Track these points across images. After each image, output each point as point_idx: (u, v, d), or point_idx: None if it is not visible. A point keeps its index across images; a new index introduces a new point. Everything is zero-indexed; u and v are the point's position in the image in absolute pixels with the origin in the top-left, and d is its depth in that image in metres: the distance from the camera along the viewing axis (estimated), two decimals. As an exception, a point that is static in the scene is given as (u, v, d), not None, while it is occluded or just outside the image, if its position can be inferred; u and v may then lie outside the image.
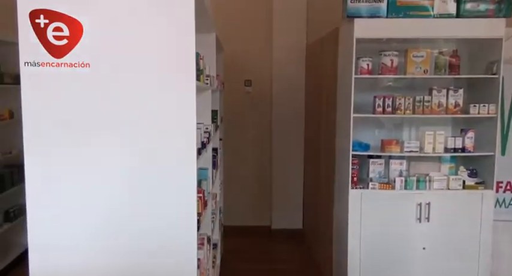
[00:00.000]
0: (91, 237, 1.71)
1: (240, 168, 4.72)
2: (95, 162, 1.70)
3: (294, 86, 4.57)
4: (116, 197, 1.72)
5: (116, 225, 1.72)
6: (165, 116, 1.71)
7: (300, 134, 4.64)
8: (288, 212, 4.74)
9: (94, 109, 1.70)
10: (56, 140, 1.69)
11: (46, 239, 1.70)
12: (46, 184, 1.69)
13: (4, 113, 4.15)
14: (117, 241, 1.72)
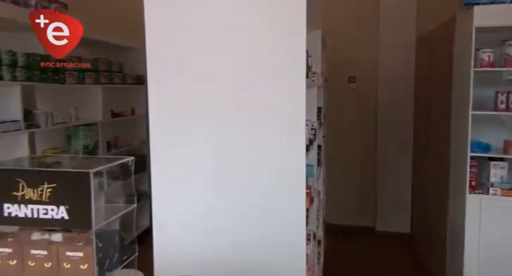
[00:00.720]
0: (204, 220, 1.82)
1: (342, 166, 4.63)
2: (209, 153, 1.81)
3: (402, 81, 4.35)
4: (229, 187, 1.80)
5: (228, 214, 1.81)
6: (276, 113, 1.75)
7: (407, 132, 4.40)
8: (394, 214, 4.53)
9: (209, 105, 1.80)
10: (176, 132, 1.83)
11: (167, 218, 1.84)
12: (168, 169, 1.84)
13: (127, 110, 4.61)
14: (229, 229, 1.81)
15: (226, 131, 1.80)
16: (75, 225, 0.81)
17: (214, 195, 1.82)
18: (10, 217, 0.82)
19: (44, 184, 0.80)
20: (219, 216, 1.82)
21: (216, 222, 1.81)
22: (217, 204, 1.82)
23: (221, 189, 1.81)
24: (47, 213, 0.81)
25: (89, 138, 3.91)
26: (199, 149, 1.82)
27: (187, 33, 1.82)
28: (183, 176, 1.83)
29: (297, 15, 1.70)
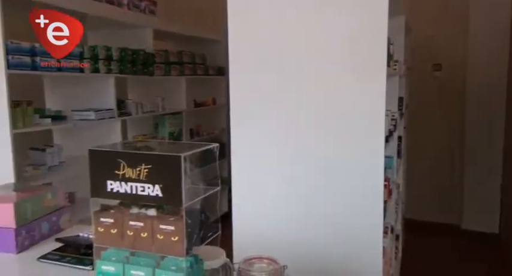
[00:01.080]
0: (279, 206, 1.86)
1: (425, 158, 4.41)
2: (286, 142, 1.84)
3: (494, 69, 4.01)
4: (304, 176, 1.83)
5: (303, 202, 1.83)
6: (355, 102, 1.73)
7: (499, 125, 4.05)
8: (481, 213, 4.22)
9: (287, 96, 1.84)
10: (255, 121, 1.89)
11: (245, 202, 1.92)
12: (247, 156, 1.91)
13: (208, 99, 4.82)
14: (304, 216, 1.84)
15: (304, 121, 1.82)
16: (168, 202, 0.90)
17: (290, 183, 1.86)
18: (112, 192, 0.93)
19: (142, 165, 0.90)
20: (294, 203, 1.86)
21: (291, 209, 1.85)
22: (293, 192, 1.86)
23: (297, 177, 1.85)
24: (143, 190, 0.90)
25: (174, 126, 4.17)
26: (277, 138, 1.87)
27: (270, 25, 1.86)
28: (261, 163, 1.89)
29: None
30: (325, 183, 1.81)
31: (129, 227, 0.94)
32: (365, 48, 1.71)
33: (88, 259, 1.14)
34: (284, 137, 1.86)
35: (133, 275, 0.95)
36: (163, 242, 0.91)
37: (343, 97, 1.75)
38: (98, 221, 0.97)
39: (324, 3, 1.75)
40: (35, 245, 1.28)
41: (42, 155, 3.02)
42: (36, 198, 1.31)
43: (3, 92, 2.45)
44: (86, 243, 1.21)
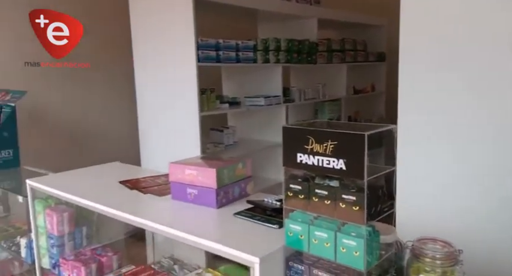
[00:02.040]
0: (446, 192, 1.80)
1: None
2: (460, 125, 1.76)
3: None
4: (483, 158, 1.72)
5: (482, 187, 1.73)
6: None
7: None
8: None
9: (468, 91, 1.74)
10: (429, 103, 1.84)
11: (411, 185, 1.89)
12: (416, 142, 1.87)
13: (367, 86, 4.80)
14: (472, 204, 1.74)
15: (478, 106, 1.72)
16: (351, 176, 1.01)
17: (461, 169, 1.78)
18: (301, 163, 1.09)
19: (328, 141, 1.03)
20: (462, 190, 1.78)
21: (463, 199, 1.78)
22: (463, 180, 1.78)
23: (468, 164, 1.76)
24: (329, 163, 1.04)
25: (333, 113, 4.29)
26: (447, 124, 1.81)
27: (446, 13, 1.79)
28: (428, 148, 1.85)
29: None
30: (497, 172, 1.68)
31: (315, 194, 1.09)
32: None
33: (274, 220, 1.35)
34: (454, 122, 1.78)
35: (316, 235, 1.10)
36: (345, 210, 1.04)
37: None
38: (288, 187, 1.15)
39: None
40: (229, 204, 1.56)
41: (220, 135, 3.49)
42: (231, 166, 1.58)
43: (194, 81, 2.92)
44: (272, 207, 1.43)
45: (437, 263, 1.10)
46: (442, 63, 1.82)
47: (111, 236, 2.18)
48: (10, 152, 2.79)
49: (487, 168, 1.72)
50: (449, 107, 1.80)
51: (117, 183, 1.91)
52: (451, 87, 1.79)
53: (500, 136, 1.70)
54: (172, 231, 1.32)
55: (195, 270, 1.81)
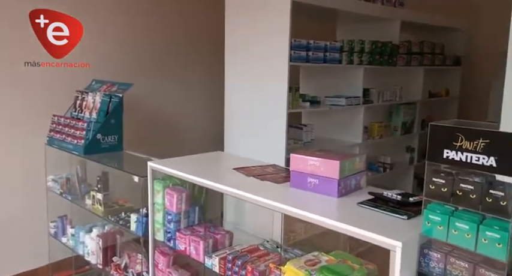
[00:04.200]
0: None
1: None
2: None
3: None
4: None
5: None
6: None
7: None
8: None
9: None
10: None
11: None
12: None
13: (442, 90, 4.75)
14: None
15: None
16: (501, 173, 1.11)
17: None
18: (448, 159, 1.20)
19: (480, 139, 1.13)
20: None
21: None
22: None
23: None
24: (478, 160, 1.14)
25: (408, 116, 4.30)
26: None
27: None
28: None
29: None
30: None
31: (460, 188, 1.19)
32: None
33: (401, 211, 1.46)
34: None
35: (457, 226, 1.21)
36: (491, 204, 1.14)
37: None
38: (431, 180, 1.26)
39: None
40: (347, 194, 1.69)
41: (300, 132, 3.62)
42: (352, 159, 1.72)
43: (285, 80, 3.06)
44: (396, 200, 1.54)
45: None
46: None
47: (215, 216, 2.40)
48: (115, 137, 3.08)
49: None
50: None
51: (231, 169, 2.10)
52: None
53: None
54: (312, 216, 1.47)
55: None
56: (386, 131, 4.10)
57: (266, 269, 1.80)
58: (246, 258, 1.91)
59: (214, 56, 3.82)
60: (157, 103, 4.07)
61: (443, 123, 1.24)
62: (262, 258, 1.91)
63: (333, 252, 1.74)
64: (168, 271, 2.35)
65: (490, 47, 4.42)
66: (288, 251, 2.05)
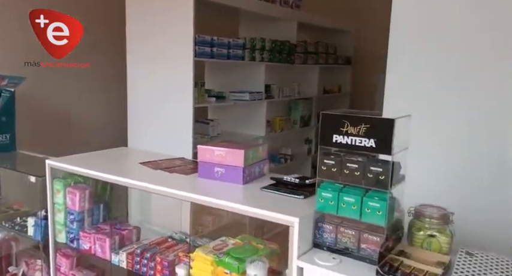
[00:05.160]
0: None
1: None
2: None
3: None
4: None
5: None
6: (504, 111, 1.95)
7: None
8: None
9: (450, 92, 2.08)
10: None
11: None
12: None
13: (334, 87, 5.19)
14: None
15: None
16: (379, 152, 1.31)
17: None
18: (336, 143, 1.37)
19: (362, 124, 1.32)
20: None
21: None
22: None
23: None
24: (361, 142, 1.32)
25: (305, 110, 4.63)
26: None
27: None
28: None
29: None
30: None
31: (347, 167, 1.37)
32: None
33: (298, 192, 1.62)
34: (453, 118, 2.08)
35: (345, 200, 1.39)
36: (372, 179, 1.33)
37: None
38: (322, 162, 1.42)
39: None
40: (252, 181, 1.81)
41: (206, 127, 3.70)
42: (255, 149, 1.83)
43: (190, 75, 3.11)
44: (294, 183, 1.70)
45: (434, 221, 1.43)
46: (425, 67, 2.17)
47: (120, 213, 2.36)
48: (7, 136, 2.84)
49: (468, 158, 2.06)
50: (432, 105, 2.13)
51: (138, 164, 2.09)
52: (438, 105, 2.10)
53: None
54: (219, 202, 1.55)
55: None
56: (286, 125, 4.37)
57: (175, 258, 1.85)
58: (155, 250, 1.93)
59: (116, 50, 3.70)
60: (55, 99, 3.81)
61: (333, 111, 1.41)
62: (171, 249, 1.95)
63: (239, 236, 1.84)
64: (72, 273, 2.26)
65: (374, 48, 4.96)
66: (197, 241, 2.11)
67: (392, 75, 2.24)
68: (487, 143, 2.04)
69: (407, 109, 2.18)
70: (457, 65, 2.12)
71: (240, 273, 1.53)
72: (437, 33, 2.14)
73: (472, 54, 2.06)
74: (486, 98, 2.02)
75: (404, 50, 2.18)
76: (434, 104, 2.15)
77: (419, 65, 2.20)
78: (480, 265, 1.35)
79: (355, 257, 1.40)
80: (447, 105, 2.10)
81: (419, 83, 2.21)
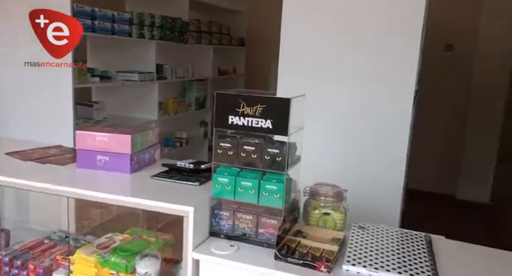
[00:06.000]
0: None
1: (431, 132, 4.76)
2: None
3: (502, 49, 4.32)
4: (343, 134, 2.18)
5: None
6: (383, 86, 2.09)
7: (500, 100, 4.40)
8: (475, 183, 4.64)
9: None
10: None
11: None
12: None
13: (230, 69, 5.13)
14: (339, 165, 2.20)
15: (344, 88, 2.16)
16: (276, 133, 1.25)
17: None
18: (232, 124, 1.28)
19: (258, 105, 1.24)
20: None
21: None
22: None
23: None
24: (257, 123, 1.25)
25: (200, 92, 4.49)
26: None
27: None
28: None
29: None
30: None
31: (243, 150, 1.29)
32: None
33: (193, 178, 1.50)
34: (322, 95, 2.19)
35: (242, 184, 1.31)
36: (269, 161, 1.27)
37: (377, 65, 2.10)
38: (218, 145, 1.32)
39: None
40: (141, 169, 1.64)
41: (90, 110, 3.35)
42: (144, 133, 1.66)
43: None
44: (188, 169, 1.57)
45: (329, 199, 1.44)
46: (315, 50, 2.20)
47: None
48: None
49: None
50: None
51: (3, 154, 1.77)
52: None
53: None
54: (102, 195, 1.36)
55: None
56: (181, 107, 4.19)
57: (52, 263, 1.61)
58: (27, 256, 1.65)
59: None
60: None
61: (228, 91, 1.31)
62: (47, 252, 1.69)
63: (128, 230, 1.67)
64: None
65: (267, 31, 4.98)
66: (80, 239, 1.88)
67: (285, 56, 2.25)
68: (367, 121, 2.19)
69: (299, 89, 2.24)
70: (342, 47, 2.20)
71: (129, 272, 1.37)
72: (326, 17, 2.20)
73: (355, 38, 2.16)
74: (364, 84, 2.16)
75: (295, 36, 2.22)
76: (323, 85, 2.22)
77: (309, 48, 2.24)
78: (372, 237, 1.40)
79: (254, 242, 1.35)
80: (333, 87, 2.20)
81: (310, 64, 2.26)
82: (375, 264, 1.23)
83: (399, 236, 1.43)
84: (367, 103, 2.19)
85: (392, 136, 2.16)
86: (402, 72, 2.11)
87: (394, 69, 2.12)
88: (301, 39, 2.27)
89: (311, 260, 1.23)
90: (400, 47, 2.10)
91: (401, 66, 2.11)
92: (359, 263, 1.23)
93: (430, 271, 1.20)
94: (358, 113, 2.21)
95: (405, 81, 2.11)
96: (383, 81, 2.15)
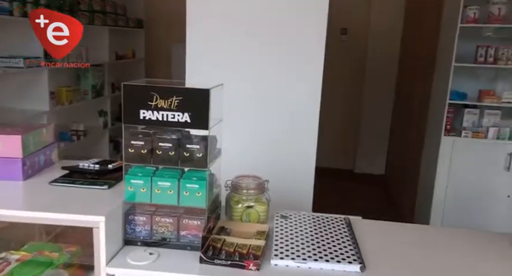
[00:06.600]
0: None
1: (331, 113, 5.00)
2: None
3: (391, 33, 4.66)
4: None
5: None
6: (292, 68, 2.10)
7: (391, 81, 4.78)
8: (372, 157, 5.03)
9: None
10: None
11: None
12: None
13: (128, 53, 4.78)
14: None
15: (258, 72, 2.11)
16: (196, 127, 1.14)
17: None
18: (145, 120, 1.14)
19: (174, 97, 1.12)
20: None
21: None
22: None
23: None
24: (174, 117, 1.13)
25: (97, 79, 4.11)
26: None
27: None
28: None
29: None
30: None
31: (159, 148, 1.16)
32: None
33: (101, 182, 1.33)
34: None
35: (159, 185, 1.19)
36: (189, 158, 1.17)
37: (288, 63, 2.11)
38: (129, 144, 1.17)
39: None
40: (35, 174, 1.41)
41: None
42: (37, 132, 1.42)
43: None
44: (94, 170, 1.39)
45: (251, 192, 1.39)
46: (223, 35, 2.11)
47: None
48: None
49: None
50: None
51: None
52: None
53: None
54: None
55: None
56: (76, 96, 3.80)
57: None
58: None
59: None
60: None
61: (137, 82, 1.16)
62: None
63: (25, 246, 1.44)
64: None
65: (167, 12, 4.72)
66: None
67: (192, 44, 2.13)
68: (277, 106, 2.19)
69: (210, 78, 2.15)
70: (250, 34, 2.14)
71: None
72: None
73: (263, 20, 2.12)
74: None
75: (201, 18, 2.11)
76: (233, 72, 2.15)
77: (217, 31, 2.15)
78: (296, 226, 1.39)
79: (175, 246, 1.24)
80: (243, 73, 2.15)
81: (218, 51, 2.17)
82: (302, 254, 1.21)
83: (321, 222, 1.44)
84: (277, 86, 2.18)
85: (303, 118, 2.19)
86: (310, 54, 2.13)
87: (302, 51, 2.13)
88: (209, 22, 2.15)
89: (239, 259, 1.17)
90: (308, 28, 2.11)
91: (309, 48, 2.12)
92: (287, 255, 1.20)
93: (354, 254, 1.22)
94: (270, 98, 2.19)
95: (314, 63, 2.13)
96: (291, 63, 2.15)
